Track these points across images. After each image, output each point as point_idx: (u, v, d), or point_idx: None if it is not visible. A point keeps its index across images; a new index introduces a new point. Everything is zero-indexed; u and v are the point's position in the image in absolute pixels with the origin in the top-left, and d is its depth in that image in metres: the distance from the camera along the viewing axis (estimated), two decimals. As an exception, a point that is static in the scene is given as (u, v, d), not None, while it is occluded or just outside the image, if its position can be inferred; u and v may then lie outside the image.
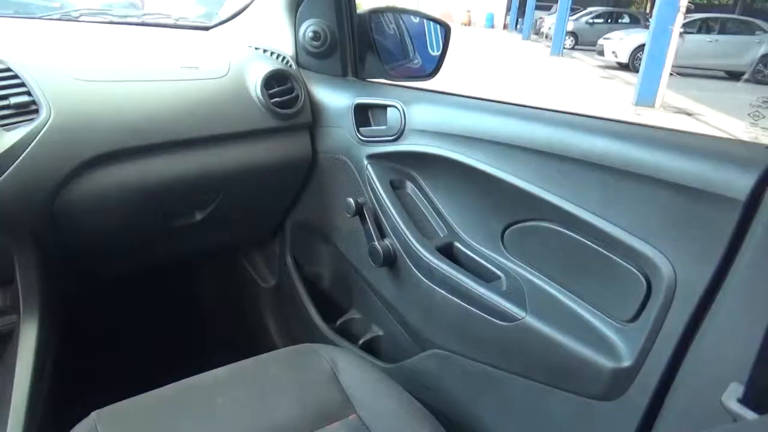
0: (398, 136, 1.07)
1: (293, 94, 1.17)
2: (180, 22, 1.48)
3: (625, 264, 0.78)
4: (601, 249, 0.81)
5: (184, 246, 1.26)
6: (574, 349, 0.81)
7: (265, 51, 1.24)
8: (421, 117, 1.05)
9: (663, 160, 0.73)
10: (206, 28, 1.44)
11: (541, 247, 0.91)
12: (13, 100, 0.88)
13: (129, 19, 1.45)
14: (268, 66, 1.16)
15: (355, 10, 1.25)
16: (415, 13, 1.37)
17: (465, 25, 27.31)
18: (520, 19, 23.94)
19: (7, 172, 0.84)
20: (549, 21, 19.31)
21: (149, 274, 1.39)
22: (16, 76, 0.91)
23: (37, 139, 0.87)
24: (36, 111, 0.89)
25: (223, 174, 1.11)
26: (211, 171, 1.10)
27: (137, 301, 1.49)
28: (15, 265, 0.91)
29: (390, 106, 1.09)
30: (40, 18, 1.44)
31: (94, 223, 1.00)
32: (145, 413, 0.80)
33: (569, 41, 17.34)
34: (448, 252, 1.02)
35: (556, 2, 16.79)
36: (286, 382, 0.89)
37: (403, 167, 1.10)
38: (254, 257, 1.49)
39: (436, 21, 1.35)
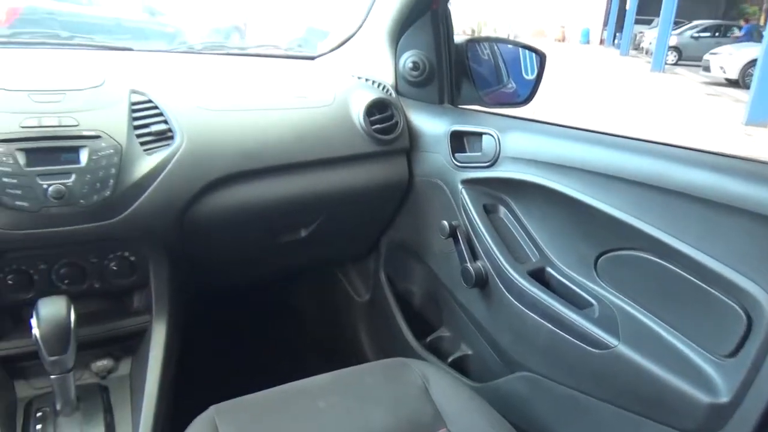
0: (493, 162, 1.11)
1: (393, 121, 1.24)
2: (289, 53, 1.61)
3: (723, 298, 0.78)
4: (698, 281, 0.81)
5: (289, 260, 1.36)
6: (669, 381, 0.81)
7: (367, 80, 1.33)
8: (515, 145, 1.09)
9: (765, 195, 0.72)
10: (312, 58, 1.56)
11: (636, 277, 0.91)
12: (153, 128, 1.01)
13: (244, 51, 1.60)
14: (371, 94, 1.25)
15: (453, 41, 1.31)
16: (511, 42, 1.41)
17: (559, 41, 26.69)
18: (617, 34, 23.08)
19: (149, 190, 0.97)
20: (650, 35, 18.48)
21: (257, 284, 1.51)
22: (155, 107, 1.04)
23: (172, 162, 1.00)
24: (171, 137, 1.02)
25: (326, 195, 1.20)
26: (317, 192, 1.19)
27: (246, 308, 1.62)
28: (150, 272, 1.04)
29: (485, 133, 1.14)
30: (168, 51, 1.62)
31: (216, 237, 1.11)
32: (258, 410, 0.88)
33: (672, 56, 16.50)
34: (539, 276, 1.04)
35: (658, 15, 16.06)
36: (380, 393, 0.94)
37: (497, 192, 1.14)
38: (350, 273, 1.57)
39: (531, 49, 1.38)
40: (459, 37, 1.35)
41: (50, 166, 0.89)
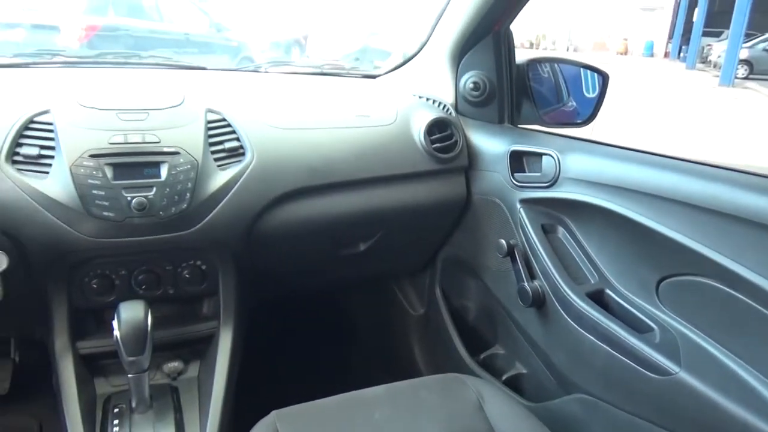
0: (552, 183, 1.12)
1: (452, 140, 1.27)
2: (351, 72, 1.67)
3: None
4: (764, 310, 0.79)
5: (347, 272, 1.40)
6: (733, 412, 0.79)
7: (427, 99, 1.36)
8: (575, 166, 1.09)
9: None
10: (374, 77, 1.60)
11: (700, 303, 0.90)
12: (226, 145, 1.07)
13: (309, 70, 1.66)
14: (431, 114, 1.28)
15: (514, 61, 1.32)
16: (572, 62, 1.41)
17: (621, 54, 26.01)
18: (683, 47, 22.29)
19: (221, 203, 1.03)
20: (718, 48, 17.74)
21: (315, 295, 1.56)
22: (229, 125, 1.10)
23: (243, 177, 1.06)
24: (243, 154, 1.08)
25: (386, 211, 1.24)
26: (376, 208, 1.23)
27: (304, 317, 1.67)
28: (219, 280, 1.10)
29: (545, 154, 1.14)
30: (238, 70, 1.71)
31: (280, 249, 1.17)
32: (317, 418, 0.92)
33: (742, 70, 15.78)
34: (598, 298, 1.03)
35: (727, 28, 15.42)
36: (435, 408, 0.96)
37: (556, 212, 1.15)
38: (405, 286, 1.60)
39: (593, 69, 1.38)
40: (520, 56, 1.36)
41: (134, 180, 0.97)
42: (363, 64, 8.28)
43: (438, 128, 1.27)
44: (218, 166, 1.05)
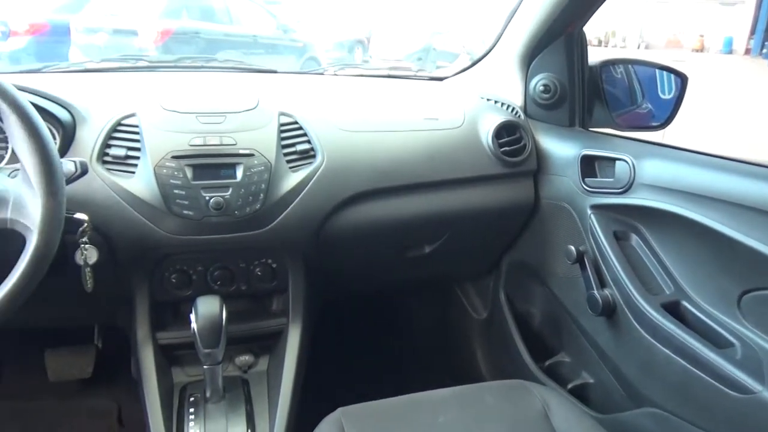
0: (626, 189, 1.09)
1: (521, 144, 1.25)
2: (419, 74, 1.67)
3: None
4: None
5: (412, 274, 1.41)
6: None
7: (495, 102, 1.35)
8: (651, 171, 1.06)
9: None
10: (441, 79, 1.60)
11: None
12: (298, 147, 1.10)
13: (377, 72, 1.68)
14: (499, 117, 1.27)
15: (587, 63, 1.29)
16: (648, 63, 1.36)
17: (697, 51, 24.76)
18: (766, 43, 20.98)
19: (293, 204, 1.06)
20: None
21: (379, 295, 1.58)
22: (300, 128, 1.14)
23: (314, 179, 1.09)
24: (313, 156, 1.11)
25: (453, 214, 1.24)
26: (443, 211, 1.23)
27: (367, 317, 1.70)
28: (289, 279, 1.13)
29: (619, 159, 1.11)
30: (308, 73, 1.75)
31: (347, 249, 1.19)
32: (382, 417, 0.93)
33: (832, 67, 14.69)
34: (673, 310, 1.00)
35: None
36: (499, 414, 0.96)
37: (629, 219, 1.11)
38: (469, 290, 1.59)
39: (670, 70, 1.33)
40: (593, 58, 1.33)
41: (212, 180, 1.01)
42: (426, 64, 8.30)
43: (506, 131, 1.26)
44: (290, 167, 1.08)
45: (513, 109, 1.33)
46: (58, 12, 5.38)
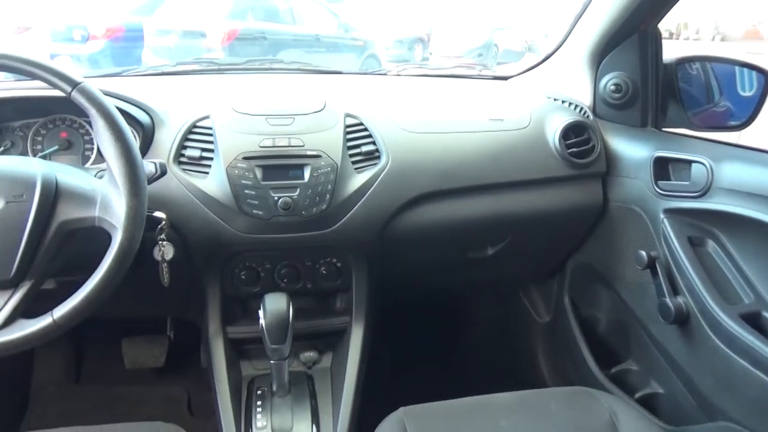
0: (703, 192, 1.04)
1: (590, 145, 1.22)
2: (483, 73, 1.66)
3: None
4: None
5: (474, 275, 1.40)
6: None
7: (563, 102, 1.32)
8: (731, 175, 1.01)
9: None
10: (505, 78, 1.58)
11: None
12: (363, 149, 1.12)
13: (440, 72, 1.67)
14: (567, 117, 1.24)
15: (662, 61, 1.24)
16: (728, 60, 1.29)
17: (778, 41, 23.20)
18: None
19: (358, 204, 1.08)
20: None
21: (440, 296, 1.58)
22: (365, 129, 1.15)
23: (378, 180, 1.10)
24: (378, 157, 1.12)
25: (517, 216, 1.22)
26: (507, 213, 1.21)
27: (428, 317, 1.70)
28: (353, 278, 1.15)
29: (695, 161, 1.07)
30: (371, 73, 1.77)
31: (410, 249, 1.20)
32: (444, 419, 0.93)
33: None
34: (753, 321, 0.95)
35: None
36: (564, 421, 0.94)
37: (705, 225, 1.07)
38: (532, 292, 1.57)
39: (753, 67, 1.26)
40: (668, 56, 1.27)
41: (280, 181, 1.04)
42: (486, 60, 8.18)
43: (574, 132, 1.23)
44: (355, 168, 1.10)
45: (581, 109, 1.30)
46: (132, 15, 5.66)
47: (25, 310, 0.80)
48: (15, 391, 1.54)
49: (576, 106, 1.31)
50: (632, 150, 1.21)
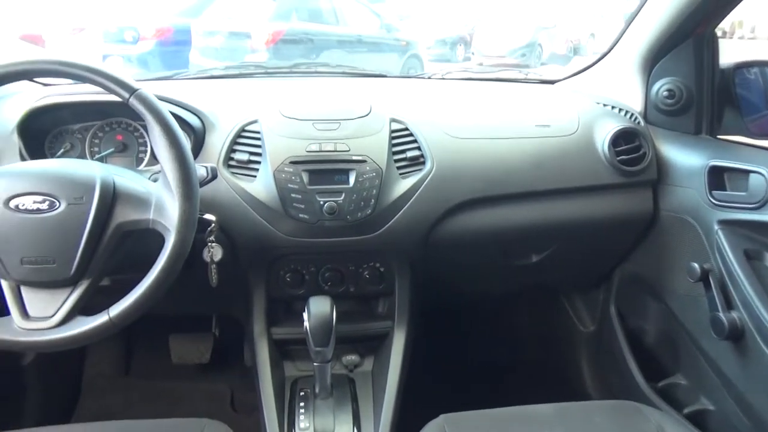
0: (761, 204, 1.00)
1: (640, 152, 1.19)
2: (528, 77, 1.63)
3: None
4: None
5: (517, 282, 1.39)
6: None
7: (613, 107, 1.29)
8: None
9: None
10: (552, 82, 1.56)
11: None
12: (408, 154, 1.12)
13: (485, 75, 1.66)
14: (617, 124, 1.21)
15: (719, 66, 1.20)
16: (791, 65, 1.24)
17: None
18: None
19: (402, 210, 1.08)
20: None
21: (483, 303, 1.57)
22: (411, 134, 1.15)
23: (423, 186, 1.10)
24: (423, 163, 1.12)
25: (562, 224, 1.20)
26: (552, 220, 1.19)
27: (472, 324, 1.69)
28: (395, 282, 1.15)
29: (753, 171, 1.03)
30: (416, 77, 1.76)
31: (454, 256, 1.19)
32: (485, 427, 0.93)
33: None
34: None
35: None
36: None
37: (763, 238, 1.02)
38: (576, 301, 1.54)
39: (817, 72, 1.20)
40: (724, 60, 1.23)
41: (326, 185, 1.05)
42: (530, 60, 8.06)
43: (624, 139, 1.20)
44: (400, 174, 1.10)
45: (632, 115, 1.27)
46: (180, 16, 5.80)
47: (83, 308, 0.84)
48: (68, 381, 1.60)
49: (626, 112, 1.27)
50: (685, 158, 1.17)
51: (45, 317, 0.82)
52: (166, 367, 1.64)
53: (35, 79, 1.23)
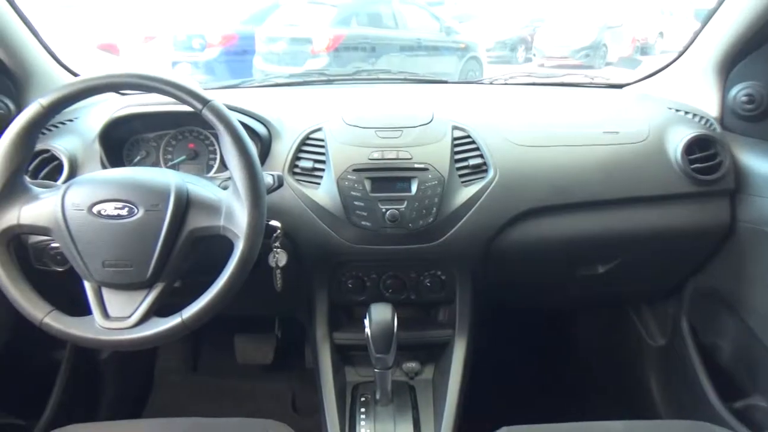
0: None
1: (717, 160, 1.13)
2: (594, 81, 1.58)
3: None
4: None
5: (582, 293, 1.35)
6: None
7: (686, 113, 1.23)
8: None
9: None
10: (620, 86, 1.51)
11: None
12: (471, 162, 1.11)
13: (551, 80, 1.62)
14: (691, 131, 1.16)
15: (804, 69, 1.13)
16: None
17: None
18: None
19: (464, 218, 1.07)
20: None
21: (545, 313, 1.53)
22: (473, 142, 1.14)
23: (485, 194, 1.09)
24: (485, 171, 1.11)
25: (630, 234, 1.16)
26: (620, 230, 1.16)
27: (533, 335, 1.66)
28: (456, 291, 1.15)
29: None
30: (477, 82, 1.75)
31: (516, 265, 1.17)
32: None
33: None
34: None
35: None
36: None
37: None
38: (645, 313, 1.48)
39: None
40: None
41: (388, 193, 1.06)
42: (594, 61, 7.82)
43: (699, 147, 1.14)
44: (462, 182, 1.09)
45: (707, 121, 1.21)
46: (244, 24, 5.99)
47: (157, 309, 0.88)
48: (140, 376, 1.68)
49: (701, 117, 1.22)
50: (766, 166, 1.11)
51: (123, 317, 0.87)
52: (231, 366, 1.69)
53: None
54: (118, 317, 0.87)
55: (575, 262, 1.23)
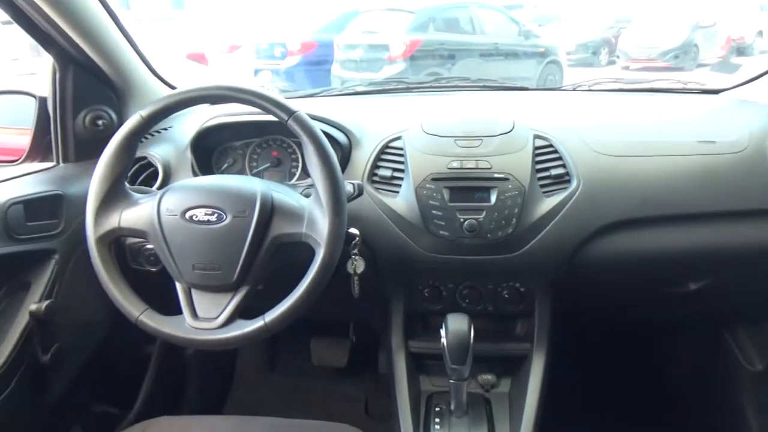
0: None
1: None
2: (687, 87, 1.49)
3: None
4: None
5: (670, 311, 1.28)
6: None
7: (793, 120, 1.15)
8: None
9: None
10: (716, 92, 1.42)
11: None
12: (553, 172, 1.08)
13: (639, 86, 1.55)
14: None
15: None
16: None
17: None
18: None
19: (545, 230, 1.05)
20: None
21: (630, 331, 1.46)
22: (555, 151, 1.11)
23: (568, 205, 1.05)
24: (568, 181, 1.08)
25: (727, 250, 1.09)
26: (716, 246, 1.09)
27: (617, 354, 1.58)
28: (536, 304, 1.12)
29: None
30: (559, 89, 1.69)
31: (600, 279, 1.13)
32: None
33: None
34: None
35: None
36: None
37: None
38: (741, 335, 1.38)
39: None
40: None
41: (466, 203, 1.05)
42: (684, 63, 7.40)
43: None
44: (543, 192, 1.07)
45: None
46: (323, 32, 6.14)
47: (242, 312, 0.92)
48: (222, 373, 1.76)
49: None
50: None
51: (211, 318, 0.91)
52: (307, 368, 1.73)
53: None
54: (206, 318, 0.92)
55: (664, 278, 1.16)
